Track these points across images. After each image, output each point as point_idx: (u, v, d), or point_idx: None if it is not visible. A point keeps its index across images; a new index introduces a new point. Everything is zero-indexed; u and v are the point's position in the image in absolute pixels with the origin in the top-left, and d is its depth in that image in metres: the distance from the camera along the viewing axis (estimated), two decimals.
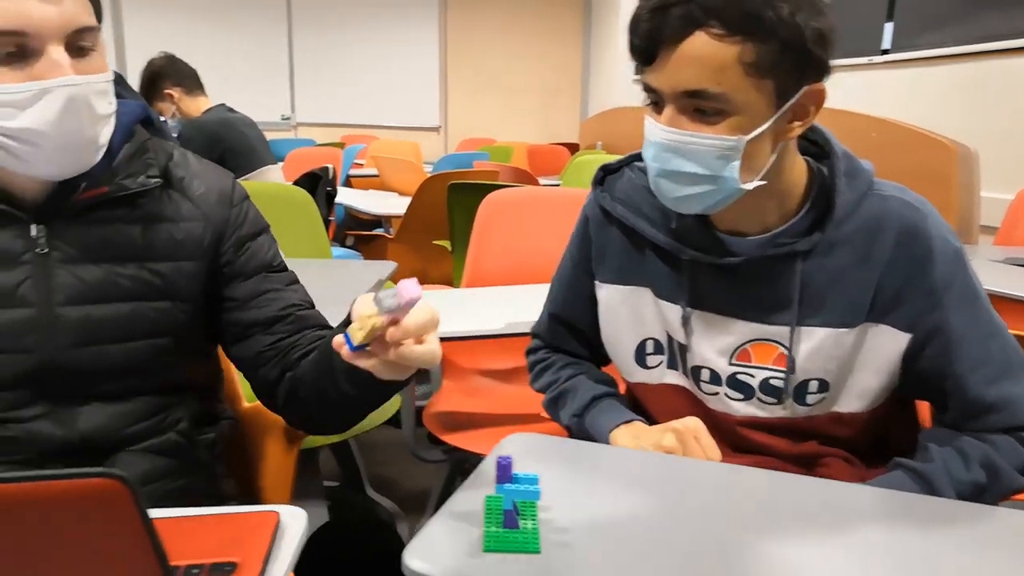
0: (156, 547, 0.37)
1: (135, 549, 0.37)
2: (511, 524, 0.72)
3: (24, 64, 0.78)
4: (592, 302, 1.13)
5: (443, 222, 2.71)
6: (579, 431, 1.10)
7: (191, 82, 2.79)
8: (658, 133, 0.90)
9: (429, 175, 2.84)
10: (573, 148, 6.34)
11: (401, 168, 3.93)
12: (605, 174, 1.12)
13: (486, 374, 2.02)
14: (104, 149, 0.86)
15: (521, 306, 1.65)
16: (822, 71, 0.90)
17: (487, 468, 0.86)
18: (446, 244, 2.69)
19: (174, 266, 0.94)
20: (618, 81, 6.39)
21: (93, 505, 0.34)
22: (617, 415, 1.06)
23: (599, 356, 1.17)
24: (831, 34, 0.88)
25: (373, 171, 4.62)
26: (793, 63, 0.86)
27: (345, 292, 1.62)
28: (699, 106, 0.87)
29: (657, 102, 0.92)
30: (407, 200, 3.47)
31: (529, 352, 1.25)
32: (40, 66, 0.78)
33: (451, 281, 2.75)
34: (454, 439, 1.63)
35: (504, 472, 0.73)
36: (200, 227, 0.96)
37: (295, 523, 0.70)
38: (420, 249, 2.89)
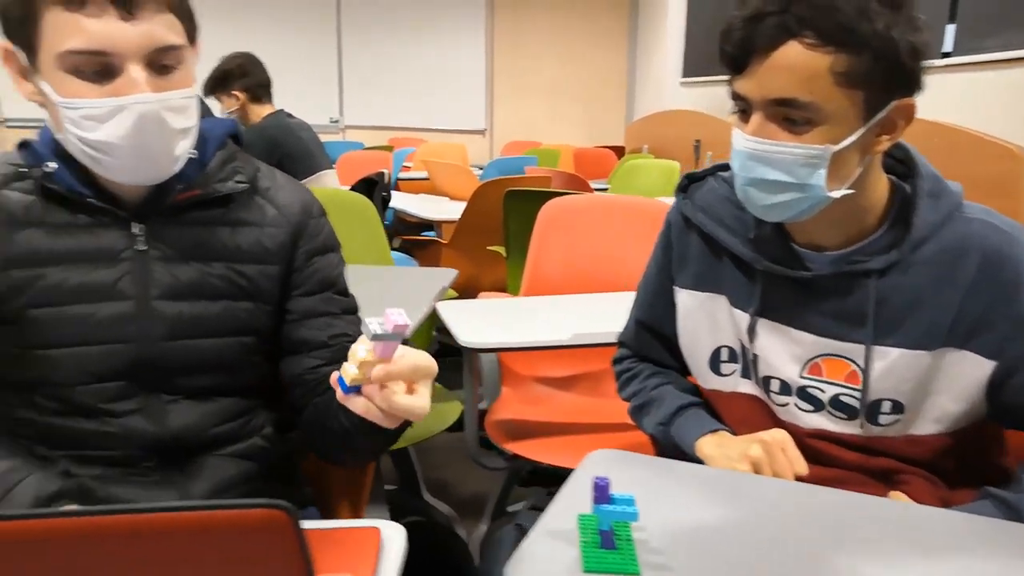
0: (310, 573, 0.39)
1: (291, 574, 0.38)
2: (608, 544, 0.73)
3: (107, 81, 0.83)
4: (675, 308, 1.13)
5: (497, 228, 2.72)
6: (664, 439, 1.11)
7: (262, 91, 2.83)
8: (744, 143, 0.92)
9: (485, 181, 2.85)
10: (618, 151, 6.31)
11: (452, 172, 3.95)
12: (689, 182, 1.14)
13: (544, 382, 2.02)
14: (181, 161, 0.90)
15: (584, 316, 1.65)
16: (913, 86, 0.89)
17: (576, 484, 0.86)
18: (500, 250, 2.70)
19: (259, 269, 0.98)
20: (665, 84, 6.34)
21: (259, 534, 0.35)
22: (703, 424, 1.07)
23: (686, 365, 1.17)
24: (926, 49, 0.87)
25: (422, 174, 4.65)
26: (885, 76, 0.86)
27: (408, 301, 1.64)
28: (788, 115, 0.88)
29: (745, 110, 0.92)
30: (459, 205, 3.49)
31: (616, 361, 1.27)
32: (119, 83, 0.83)
33: (504, 287, 2.76)
34: (517, 447, 1.64)
35: (602, 493, 0.73)
36: (283, 233, 1.00)
37: (396, 539, 0.71)
38: (473, 255, 2.91)
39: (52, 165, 0.90)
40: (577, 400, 1.96)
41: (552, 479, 2.26)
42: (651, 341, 1.20)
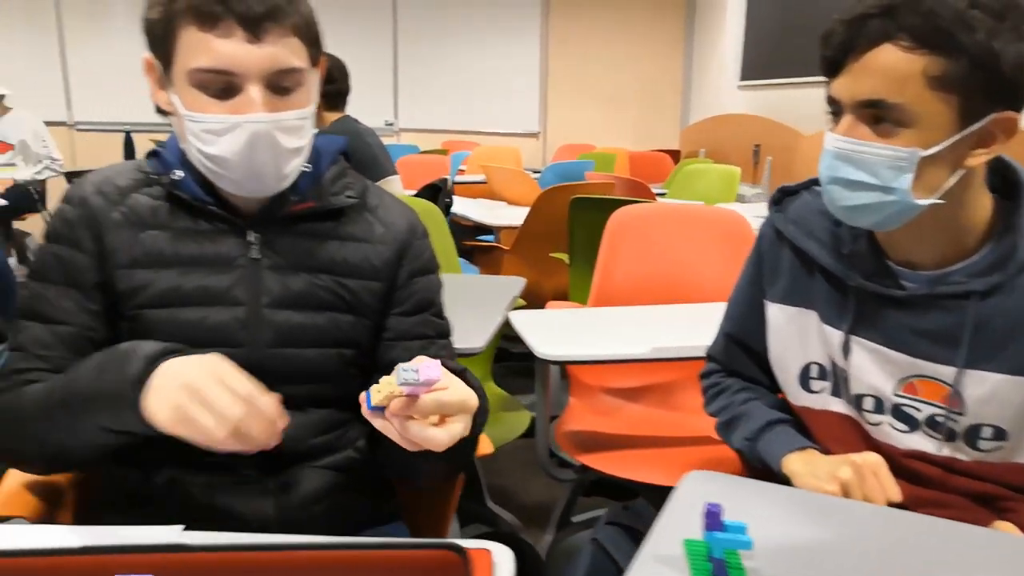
0: None
1: None
2: (720, 573, 0.71)
3: (229, 98, 0.87)
4: (766, 322, 1.12)
5: (560, 234, 2.71)
6: (750, 455, 1.09)
7: (339, 99, 2.82)
8: (831, 142, 0.91)
9: (549, 187, 2.84)
10: (674, 155, 6.25)
11: (511, 177, 3.95)
12: (783, 195, 1.12)
13: (611, 392, 2.00)
14: (291, 178, 0.94)
15: (659, 328, 1.63)
16: (1016, 99, 0.86)
17: (676, 507, 0.85)
18: (563, 257, 2.69)
19: (363, 284, 1.00)
20: (722, 87, 6.26)
21: (434, 572, 0.35)
22: (791, 441, 1.05)
23: (775, 381, 1.15)
24: None
25: (477, 178, 4.66)
26: (983, 85, 0.84)
27: (479, 310, 1.64)
28: (877, 116, 0.88)
29: (837, 113, 0.92)
30: (518, 210, 3.49)
31: (703, 375, 1.25)
32: (239, 101, 0.87)
33: (566, 294, 2.75)
34: (589, 460, 1.63)
35: (714, 520, 0.72)
36: (389, 251, 1.02)
37: (505, 562, 0.71)
38: (535, 261, 2.90)
39: (179, 173, 0.95)
40: (647, 412, 1.94)
41: (615, 490, 2.25)
42: (740, 355, 1.18)
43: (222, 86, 0.86)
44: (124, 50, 6.74)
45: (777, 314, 1.09)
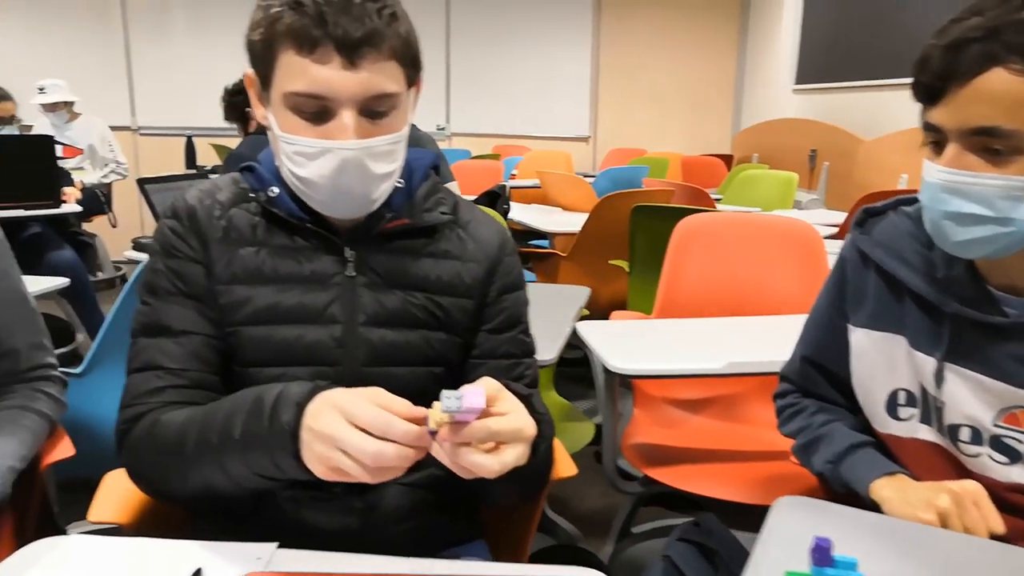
0: None
1: None
2: None
3: (322, 123, 0.87)
4: (848, 346, 1.08)
5: (618, 242, 2.70)
6: (833, 478, 1.06)
7: None
8: (937, 174, 0.87)
9: (609, 194, 2.83)
10: (726, 160, 6.17)
11: (566, 183, 3.94)
12: (867, 216, 1.09)
13: (675, 404, 1.98)
14: (379, 201, 0.93)
15: (731, 342, 1.61)
16: None
17: (772, 534, 0.83)
18: (623, 265, 2.67)
19: (454, 302, 0.99)
20: (777, 91, 6.15)
21: None
22: (879, 465, 1.01)
23: (855, 403, 1.12)
24: None
25: (530, 183, 4.66)
26: None
27: (545, 320, 1.62)
28: (988, 144, 0.84)
29: (938, 142, 0.88)
30: (573, 216, 3.48)
31: (778, 395, 1.22)
32: (331, 126, 0.87)
33: (625, 303, 2.73)
34: (657, 473, 1.61)
35: (824, 555, 0.70)
36: (480, 268, 1.02)
37: None
38: (593, 268, 2.89)
39: (275, 190, 0.96)
40: (711, 424, 1.92)
41: (672, 501, 2.22)
42: (818, 379, 1.15)
43: (316, 110, 0.86)
44: (186, 57, 6.91)
45: (862, 339, 1.06)
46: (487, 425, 0.73)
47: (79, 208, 3.82)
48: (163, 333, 0.94)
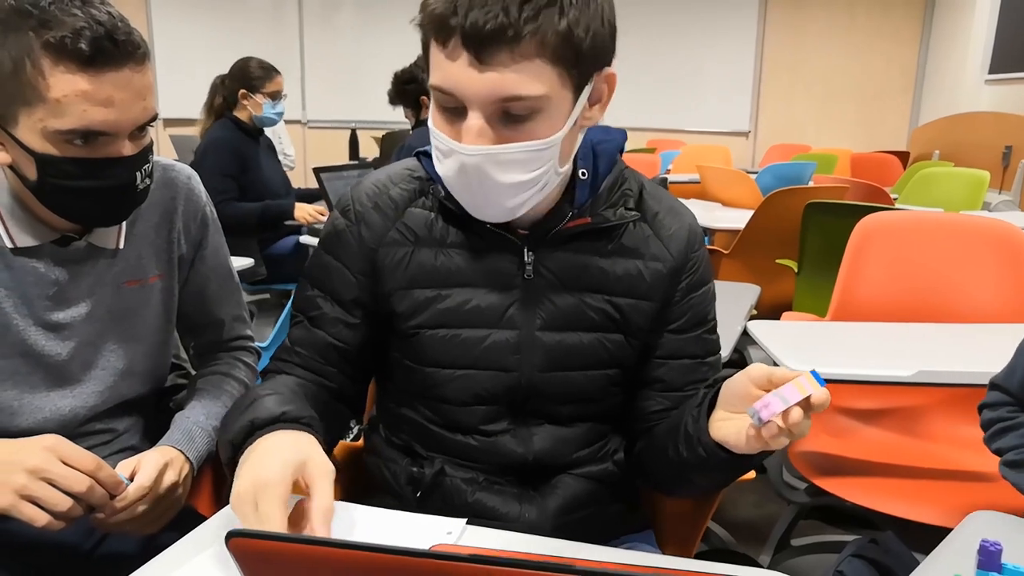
0: None
1: None
2: None
3: (458, 120, 0.81)
4: None
5: (785, 240, 2.57)
6: None
7: None
8: None
9: (778, 190, 2.70)
10: (901, 157, 5.73)
11: (728, 178, 3.81)
12: None
13: (846, 413, 1.87)
14: (525, 208, 0.86)
15: (917, 349, 1.49)
16: None
17: (953, 546, 0.77)
18: (791, 264, 2.55)
19: (633, 304, 0.94)
20: (965, 82, 5.65)
21: None
22: None
23: None
24: None
25: (688, 178, 4.54)
26: None
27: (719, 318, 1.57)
28: None
29: None
30: (734, 212, 3.35)
31: (986, 406, 1.12)
32: (461, 127, 0.81)
33: (791, 305, 2.60)
34: (827, 484, 1.52)
35: (990, 559, 0.64)
36: (664, 268, 0.95)
37: None
38: (756, 267, 2.77)
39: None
40: (888, 437, 1.78)
41: (835, 517, 2.10)
42: None
43: (454, 105, 0.81)
44: (352, 52, 7.28)
45: None
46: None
47: None
48: (308, 318, 0.98)
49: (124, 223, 1.04)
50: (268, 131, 5.28)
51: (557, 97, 0.80)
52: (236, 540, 0.42)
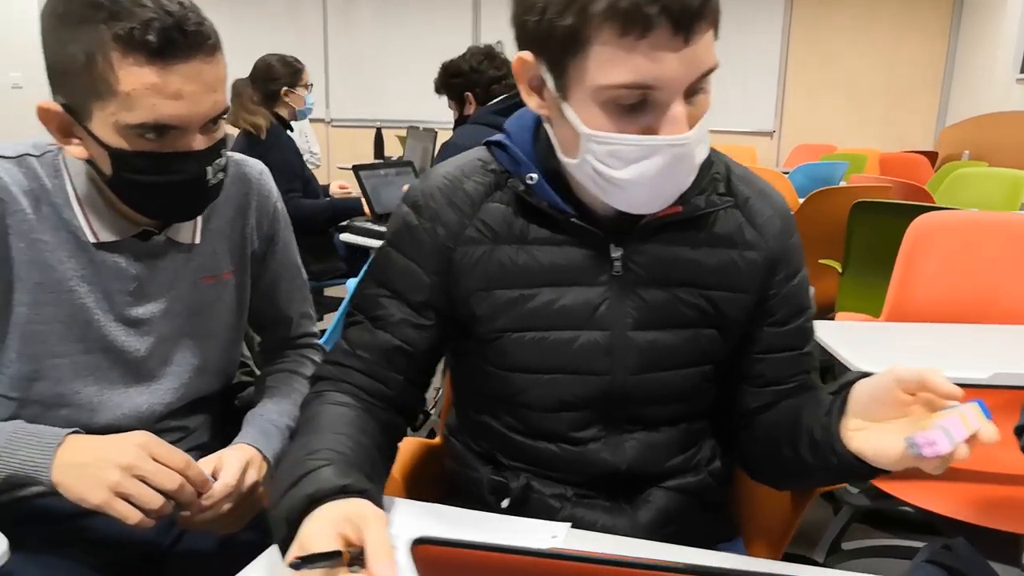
0: None
1: None
2: None
3: (641, 115, 0.75)
4: None
5: (826, 240, 2.53)
6: None
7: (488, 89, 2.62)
8: None
9: (820, 189, 2.66)
10: (930, 158, 5.66)
11: (765, 178, 3.77)
12: None
13: None
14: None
15: (983, 350, 1.46)
16: None
17: None
18: (833, 264, 2.51)
19: (728, 296, 0.90)
20: (996, 81, 5.58)
21: None
22: None
23: None
24: None
25: None
26: None
27: None
28: None
29: None
30: None
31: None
32: (655, 119, 0.75)
33: (834, 305, 2.56)
34: (890, 487, 1.49)
35: None
36: (760, 258, 0.90)
37: None
38: None
39: (534, 176, 0.86)
40: None
41: (886, 522, 2.07)
42: None
43: (636, 101, 0.74)
44: (374, 51, 7.29)
45: None
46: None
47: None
48: (370, 319, 0.91)
49: (200, 218, 1.03)
50: (296, 129, 5.33)
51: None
52: (421, 548, 0.41)
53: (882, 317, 1.85)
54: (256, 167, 1.12)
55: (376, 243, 2.65)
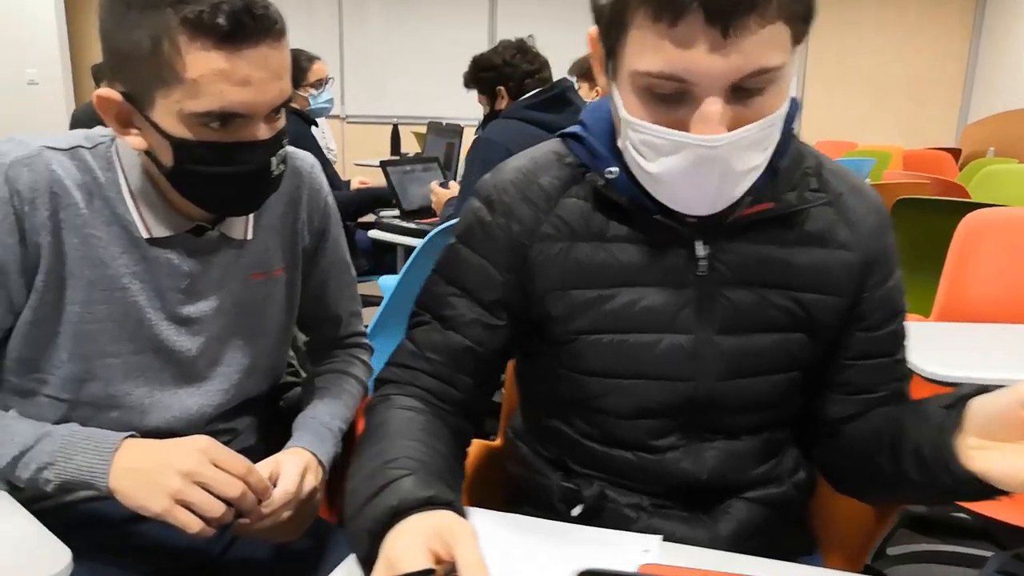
0: None
1: None
2: None
3: (677, 107, 0.71)
4: None
5: None
6: None
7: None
8: None
9: None
10: (953, 154, 5.58)
11: None
12: None
13: None
14: (739, 195, 0.77)
15: None
16: None
17: None
18: None
19: (819, 299, 0.85)
20: (1022, 78, 5.50)
21: None
22: None
23: None
24: None
25: None
26: None
27: None
28: None
29: None
30: None
31: None
32: (689, 114, 0.71)
33: None
34: None
35: None
36: (855, 259, 0.85)
37: None
38: None
39: (614, 170, 0.81)
40: None
41: (930, 528, 2.02)
42: None
43: (672, 91, 0.70)
44: (389, 48, 7.25)
45: None
46: None
47: None
48: (438, 319, 0.88)
49: (252, 213, 1.00)
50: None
51: (789, 62, 0.71)
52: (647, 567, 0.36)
53: (932, 316, 1.79)
54: (307, 160, 1.08)
55: (404, 240, 2.62)
